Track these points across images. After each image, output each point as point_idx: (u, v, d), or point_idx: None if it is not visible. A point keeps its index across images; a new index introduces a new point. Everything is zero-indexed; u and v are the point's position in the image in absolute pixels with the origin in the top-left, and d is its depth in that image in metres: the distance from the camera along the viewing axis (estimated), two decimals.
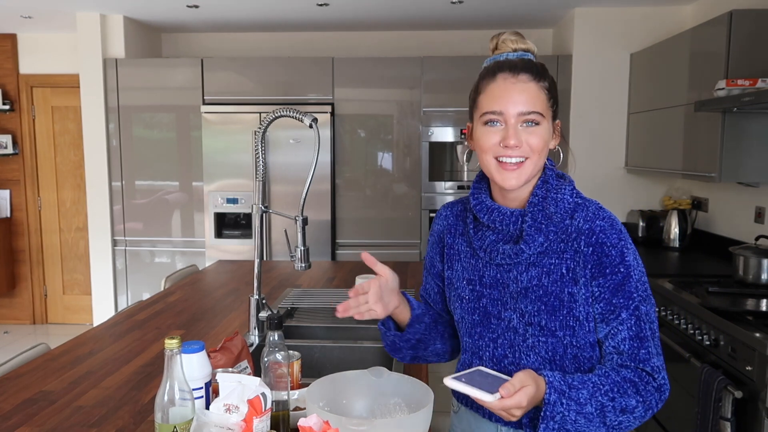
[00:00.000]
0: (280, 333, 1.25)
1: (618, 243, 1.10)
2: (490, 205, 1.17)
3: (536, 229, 1.11)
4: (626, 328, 1.09)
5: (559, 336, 1.11)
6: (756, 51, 2.77)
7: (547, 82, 1.12)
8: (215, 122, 4.21)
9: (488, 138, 1.11)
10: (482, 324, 1.18)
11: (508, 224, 1.14)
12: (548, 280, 1.11)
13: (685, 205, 3.70)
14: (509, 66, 1.11)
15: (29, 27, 4.71)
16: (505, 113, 1.09)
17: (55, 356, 1.78)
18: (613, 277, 1.09)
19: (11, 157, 5.04)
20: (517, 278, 1.13)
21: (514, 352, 1.14)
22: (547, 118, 1.11)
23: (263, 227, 3.27)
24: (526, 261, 1.13)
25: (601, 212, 1.13)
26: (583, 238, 1.10)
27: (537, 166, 1.11)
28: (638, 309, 1.09)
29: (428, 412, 1.09)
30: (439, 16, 4.29)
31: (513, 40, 1.15)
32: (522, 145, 1.09)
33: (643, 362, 1.08)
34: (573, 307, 1.10)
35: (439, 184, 4.30)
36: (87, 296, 5.01)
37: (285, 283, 2.72)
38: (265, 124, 1.79)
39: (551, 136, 1.14)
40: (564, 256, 1.11)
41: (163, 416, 1.05)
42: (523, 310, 1.13)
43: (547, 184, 1.15)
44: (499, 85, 1.10)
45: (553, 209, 1.12)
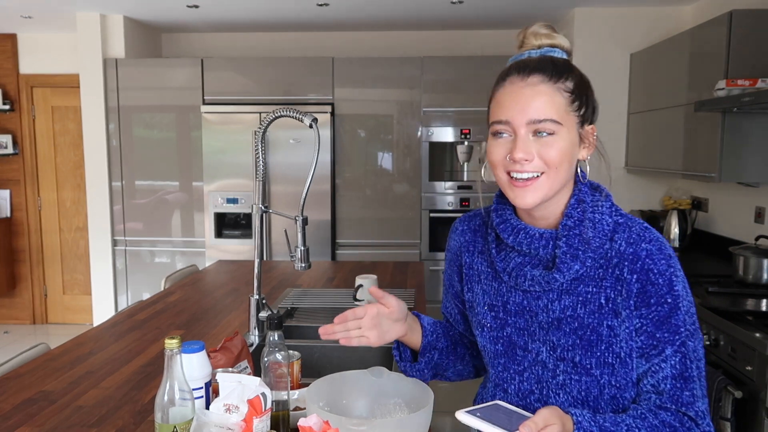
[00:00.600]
0: (280, 333, 1.24)
1: (666, 270, 0.96)
2: (516, 225, 1.03)
3: (572, 256, 0.98)
4: (670, 365, 0.96)
5: (595, 375, 0.98)
6: (756, 51, 2.77)
7: (569, 81, 0.97)
8: (215, 122, 4.21)
9: (497, 151, 0.99)
10: (506, 355, 1.06)
11: (537, 247, 1.01)
12: (584, 311, 0.98)
13: (685, 205, 3.70)
14: (519, 67, 0.98)
15: (29, 27, 4.71)
16: (512, 122, 0.96)
17: (55, 356, 1.78)
18: (659, 308, 0.95)
19: (11, 157, 5.04)
20: (548, 307, 1.01)
21: (542, 388, 1.02)
22: (568, 125, 0.96)
23: (263, 227, 3.27)
24: (559, 288, 1.00)
25: (647, 233, 0.98)
26: (626, 264, 0.97)
27: (557, 182, 0.97)
28: (685, 345, 0.96)
29: (428, 412, 1.08)
30: (439, 16, 4.29)
31: (537, 35, 1.01)
32: (533, 159, 0.95)
33: (686, 406, 0.95)
34: (613, 342, 0.97)
35: (439, 184, 4.30)
36: (87, 296, 5.01)
37: (285, 283, 2.72)
38: (265, 124, 1.79)
39: (577, 145, 0.98)
40: (603, 284, 0.98)
41: (163, 416, 1.05)
42: (555, 343, 1.00)
43: (583, 204, 1.00)
44: (507, 90, 0.98)
45: (592, 233, 0.98)
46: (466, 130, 4.22)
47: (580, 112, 0.98)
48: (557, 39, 1.01)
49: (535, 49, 1.01)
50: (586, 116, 0.99)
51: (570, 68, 0.99)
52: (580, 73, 1.00)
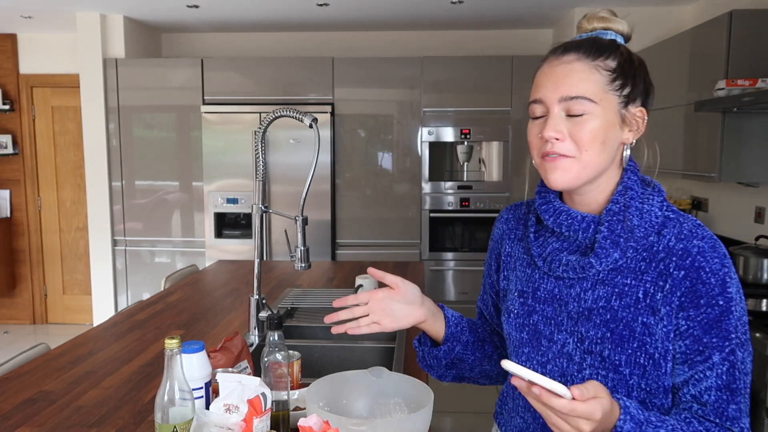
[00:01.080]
0: (280, 333, 1.24)
1: (720, 270, 0.88)
2: (558, 207, 0.99)
3: (612, 242, 0.92)
4: (716, 374, 0.87)
5: (624, 373, 0.91)
6: (756, 51, 2.77)
7: (610, 59, 0.91)
8: (215, 122, 4.21)
9: (530, 132, 0.95)
10: (530, 344, 1.00)
11: (577, 230, 0.96)
12: (619, 304, 0.92)
13: (685, 205, 3.70)
14: (558, 47, 0.94)
15: (29, 27, 4.71)
16: (545, 100, 0.92)
17: (55, 356, 1.78)
18: (709, 310, 0.87)
19: (11, 157, 5.04)
20: (580, 296, 0.95)
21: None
22: (605, 105, 0.90)
23: (263, 227, 3.27)
24: (594, 277, 0.94)
25: (699, 230, 0.92)
26: (674, 260, 0.90)
27: (591, 164, 0.92)
28: (734, 354, 0.87)
29: (428, 412, 1.08)
30: (439, 16, 4.29)
31: (589, 19, 0.97)
32: (565, 139, 0.90)
33: (730, 421, 0.88)
34: (646, 341, 0.90)
35: (439, 184, 4.30)
36: (87, 296, 5.01)
37: (285, 283, 2.72)
38: (265, 124, 1.79)
39: (616, 126, 0.92)
40: (644, 277, 0.91)
41: (163, 416, 1.05)
42: (583, 335, 0.94)
43: (631, 191, 0.94)
44: (543, 70, 0.94)
45: (637, 221, 0.92)
46: (466, 130, 4.22)
47: (623, 91, 0.92)
48: (611, 22, 0.97)
49: (586, 33, 0.97)
50: (633, 96, 0.93)
51: (615, 47, 0.93)
52: (630, 52, 0.95)
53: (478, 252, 4.34)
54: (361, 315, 1.05)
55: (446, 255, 4.36)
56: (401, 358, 1.70)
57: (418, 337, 1.17)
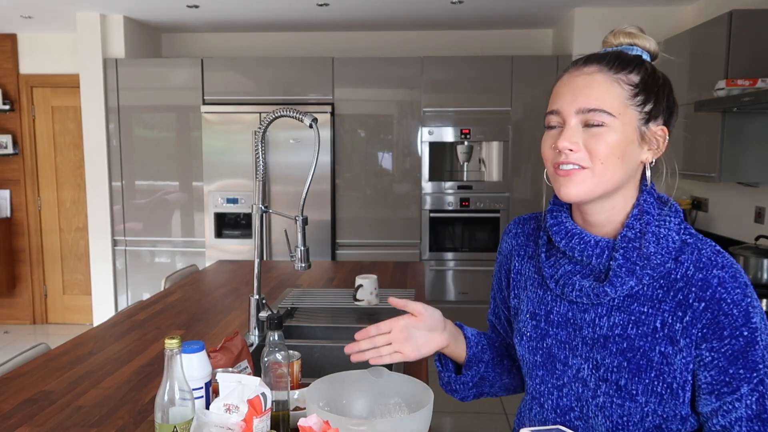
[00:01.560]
0: (280, 333, 1.24)
1: (742, 301, 0.86)
2: (570, 229, 0.95)
3: (628, 271, 0.89)
4: (745, 405, 0.85)
5: (640, 402, 0.89)
6: (756, 51, 2.77)
7: (633, 74, 0.89)
8: (215, 122, 4.21)
9: (545, 143, 0.93)
10: (545, 367, 0.98)
11: (590, 256, 0.93)
12: (636, 333, 0.89)
13: (685, 205, 3.70)
14: (580, 58, 0.92)
15: (29, 27, 4.71)
16: (561, 111, 0.90)
17: (55, 356, 1.78)
18: (733, 341, 0.85)
19: (11, 157, 5.04)
20: (595, 322, 0.92)
21: (582, 406, 0.94)
22: (624, 119, 0.88)
23: (263, 227, 3.27)
24: (609, 303, 0.92)
25: (719, 258, 0.89)
26: (693, 290, 0.87)
27: (604, 179, 0.88)
28: (763, 383, 0.86)
29: (428, 412, 1.08)
30: (439, 16, 4.29)
31: (616, 34, 0.95)
32: (579, 150, 0.87)
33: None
34: (665, 371, 0.88)
35: (439, 184, 4.30)
36: (87, 296, 5.01)
37: (285, 283, 2.72)
38: (265, 124, 1.79)
39: (635, 143, 0.90)
40: (661, 306, 0.89)
41: (163, 416, 1.05)
42: (599, 362, 0.91)
43: (647, 215, 0.91)
44: (563, 81, 0.92)
45: (654, 248, 0.89)
46: (466, 130, 4.22)
47: (645, 107, 0.90)
48: (638, 38, 0.94)
49: (611, 47, 0.95)
50: (654, 114, 0.91)
51: (639, 62, 0.91)
52: (655, 69, 0.92)
53: (479, 252, 4.34)
54: (383, 344, 1.04)
55: (446, 255, 4.36)
56: None
57: (440, 361, 1.13)
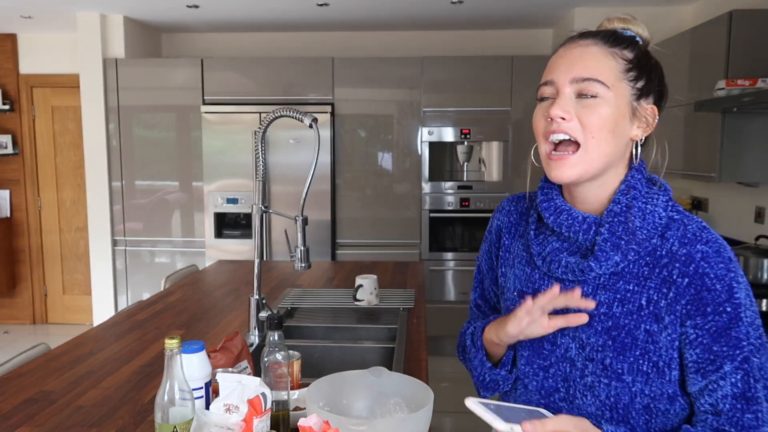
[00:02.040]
0: (280, 333, 1.24)
1: (726, 275, 0.86)
2: (559, 205, 0.95)
3: (613, 245, 0.89)
4: (729, 383, 0.85)
5: (627, 381, 0.89)
6: (756, 51, 2.77)
7: (628, 50, 0.90)
8: (215, 122, 4.21)
9: (537, 116, 0.92)
10: (531, 347, 0.98)
11: (577, 231, 0.93)
12: (621, 311, 0.89)
13: (685, 205, 3.70)
14: (576, 35, 0.93)
15: (29, 27, 4.71)
16: (556, 81, 0.89)
17: (55, 356, 1.78)
18: (716, 318, 0.85)
19: (11, 157, 5.04)
20: None
21: (568, 387, 0.94)
22: (617, 92, 0.87)
23: (263, 227, 3.27)
24: (595, 281, 0.92)
25: (704, 233, 0.88)
26: (677, 266, 0.87)
27: (598, 155, 0.89)
28: (748, 361, 0.85)
29: (428, 412, 1.08)
30: (439, 16, 4.29)
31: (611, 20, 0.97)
32: (572, 119, 0.87)
33: (747, 430, 0.85)
34: (650, 349, 0.88)
35: (439, 184, 4.30)
36: (87, 296, 5.01)
37: (285, 283, 2.72)
38: (265, 124, 1.79)
39: (626, 118, 0.89)
40: (647, 283, 0.89)
41: (163, 416, 1.05)
42: (584, 341, 0.91)
43: (634, 191, 0.91)
44: (559, 54, 0.92)
45: (639, 223, 0.89)
46: (466, 130, 4.22)
47: (637, 83, 0.90)
48: (632, 24, 0.95)
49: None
50: (646, 91, 0.91)
51: (633, 41, 0.92)
52: (648, 52, 0.93)
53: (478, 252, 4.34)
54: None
55: (446, 255, 4.36)
56: (401, 358, 1.70)
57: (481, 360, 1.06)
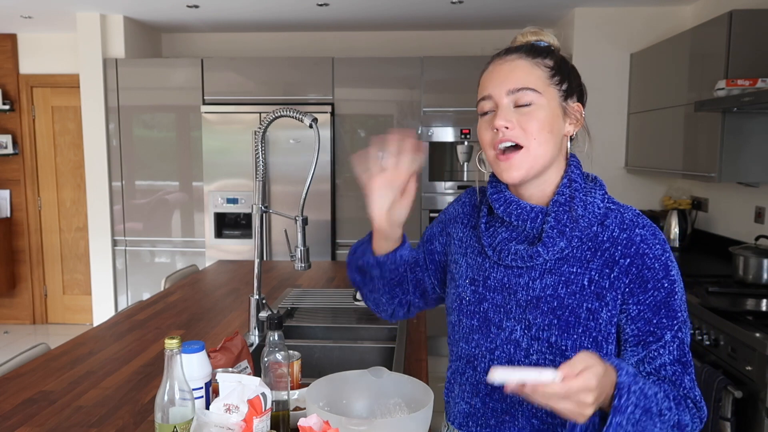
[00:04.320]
0: (280, 333, 1.24)
1: (662, 255, 0.96)
2: (508, 197, 1.04)
3: (559, 232, 0.98)
4: (668, 351, 0.94)
5: (569, 356, 0.93)
6: (756, 51, 2.77)
7: (549, 59, 0.99)
8: (215, 122, 4.21)
9: (483, 129, 1.01)
10: (480, 331, 1.04)
11: (525, 220, 1.01)
12: (565, 292, 0.97)
13: (685, 205, 3.70)
14: (500, 52, 1.03)
15: (29, 27, 4.71)
16: (493, 95, 0.99)
17: (55, 356, 1.78)
18: (656, 293, 0.95)
19: (11, 157, 5.04)
20: (528, 285, 1.00)
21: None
22: (548, 96, 0.97)
23: (263, 227, 3.27)
24: (542, 267, 0.99)
25: (640, 219, 0.99)
26: (619, 248, 0.96)
27: (540, 154, 0.98)
28: (681, 330, 0.96)
29: (428, 412, 1.09)
30: (439, 16, 4.29)
31: (525, 33, 1.06)
32: (514, 127, 0.96)
33: (688, 390, 0.94)
34: (591, 326, 0.96)
35: (439, 184, 4.30)
36: (87, 296, 5.01)
37: (285, 283, 2.72)
38: (265, 124, 1.79)
39: (560, 118, 0.99)
40: (589, 265, 0.97)
41: (163, 416, 1.05)
42: (531, 322, 0.99)
43: (575, 183, 1.01)
44: (489, 71, 1.02)
45: (581, 212, 0.98)
46: (466, 130, 4.22)
47: (562, 86, 1.00)
48: (543, 35, 1.05)
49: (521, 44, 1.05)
50: (570, 92, 1.01)
51: (550, 51, 1.01)
52: (563, 57, 1.02)
53: None
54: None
55: None
56: (401, 358, 1.70)
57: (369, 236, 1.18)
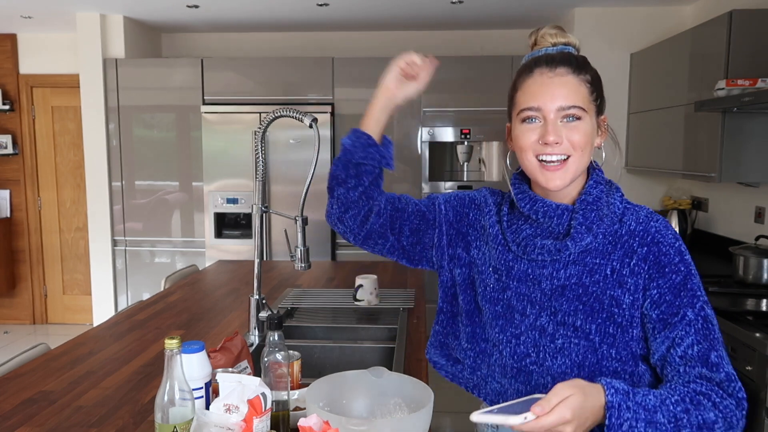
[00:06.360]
0: (280, 333, 1.24)
1: (675, 243, 1.04)
2: (533, 196, 1.11)
3: (586, 228, 1.05)
4: (694, 330, 0.99)
5: (594, 341, 1.03)
6: (756, 51, 2.77)
7: (588, 74, 1.07)
8: (215, 122, 4.21)
9: (527, 136, 1.06)
10: (504, 317, 1.11)
11: (552, 217, 1.08)
12: (590, 280, 1.04)
13: (685, 205, 3.70)
14: (546, 60, 1.06)
15: (29, 27, 4.71)
16: (543, 109, 1.04)
17: (55, 356, 1.78)
18: (674, 276, 1.01)
19: (11, 157, 5.04)
20: (553, 275, 1.07)
21: (538, 352, 1.07)
22: (590, 112, 1.05)
23: (263, 227, 3.27)
24: (566, 259, 1.07)
25: (653, 215, 1.08)
26: (636, 239, 1.04)
27: (581, 164, 1.06)
28: (704, 309, 1.01)
29: (428, 412, 1.09)
30: (439, 16, 4.29)
31: (552, 34, 1.11)
32: (562, 142, 1.03)
33: (715, 367, 0.97)
34: (615, 312, 1.03)
35: (439, 184, 4.30)
36: (87, 296, 5.01)
37: (285, 283, 2.72)
38: (265, 124, 1.79)
39: (595, 132, 1.08)
40: (611, 257, 1.05)
41: (163, 416, 1.05)
42: (557, 309, 1.06)
43: (600, 185, 1.10)
44: (536, 80, 1.06)
45: (606, 211, 1.07)
46: (466, 130, 4.22)
47: (597, 102, 1.08)
48: (570, 38, 1.11)
49: (551, 47, 1.10)
50: (601, 107, 1.09)
51: (588, 64, 1.09)
52: (595, 69, 1.10)
53: None
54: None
55: None
56: (401, 358, 1.70)
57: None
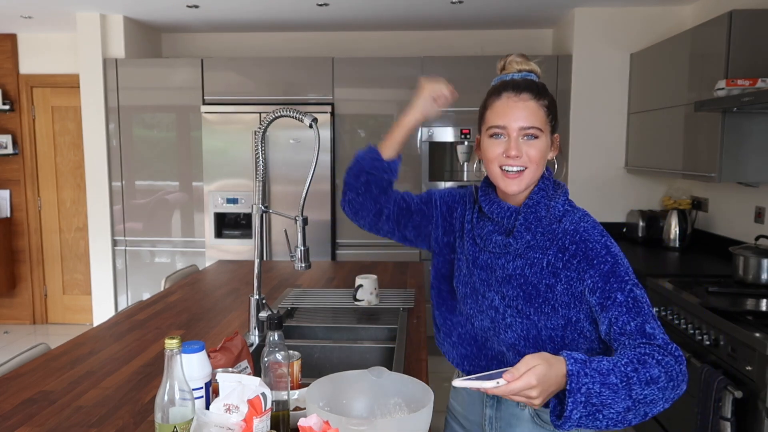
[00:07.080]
0: (280, 333, 1.25)
1: (600, 239, 1.22)
2: (493, 199, 1.34)
3: (525, 228, 1.27)
4: (626, 309, 1.15)
5: (533, 320, 1.25)
6: (756, 51, 2.77)
7: (546, 100, 1.26)
8: (215, 122, 4.21)
9: (493, 149, 1.27)
10: (471, 297, 1.36)
11: (503, 217, 1.31)
12: (530, 272, 1.26)
13: (685, 205, 3.70)
14: (513, 86, 1.26)
15: (29, 27, 4.71)
16: (507, 127, 1.24)
17: (55, 356, 1.78)
18: (602, 266, 1.19)
19: (11, 157, 5.04)
20: (504, 266, 1.29)
21: (495, 326, 1.30)
22: (546, 132, 1.26)
23: (263, 227, 3.27)
24: (514, 252, 1.29)
25: (586, 217, 1.28)
26: (568, 237, 1.24)
27: (536, 174, 1.26)
28: (633, 292, 1.16)
29: (428, 412, 1.09)
30: (439, 16, 4.29)
31: (518, 62, 1.32)
32: (522, 156, 1.24)
33: (652, 336, 1.12)
34: (549, 297, 1.24)
35: (439, 184, 4.30)
36: (87, 296, 5.01)
37: (285, 283, 2.72)
38: (265, 124, 1.79)
39: (549, 148, 1.29)
40: (548, 252, 1.25)
41: (163, 416, 1.05)
42: (505, 294, 1.28)
43: (543, 191, 1.29)
44: (503, 102, 1.26)
45: (544, 213, 1.27)
46: (466, 130, 4.22)
47: (552, 123, 1.28)
48: (533, 66, 1.33)
49: (516, 73, 1.31)
50: (555, 127, 1.30)
51: (546, 91, 1.29)
52: (551, 94, 1.30)
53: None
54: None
55: None
56: (401, 358, 1.70)
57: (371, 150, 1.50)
